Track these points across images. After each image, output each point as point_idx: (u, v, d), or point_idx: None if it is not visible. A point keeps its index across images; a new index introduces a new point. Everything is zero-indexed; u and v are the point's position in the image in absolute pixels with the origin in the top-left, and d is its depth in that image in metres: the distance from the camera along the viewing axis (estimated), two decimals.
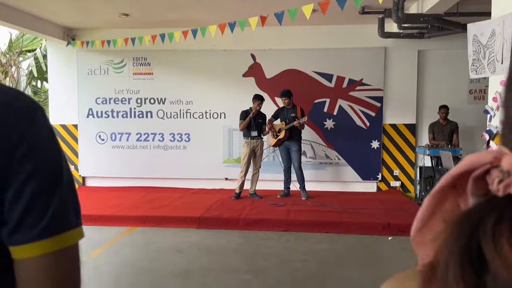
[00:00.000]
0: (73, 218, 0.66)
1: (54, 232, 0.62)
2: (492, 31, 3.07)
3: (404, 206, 6.05)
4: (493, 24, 3.08)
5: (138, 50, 7.25)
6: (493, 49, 3.05)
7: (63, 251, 0.63)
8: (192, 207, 5.94)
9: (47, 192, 0.64)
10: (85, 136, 7.62)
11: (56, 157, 0.69)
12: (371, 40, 6.86)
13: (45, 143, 0.69)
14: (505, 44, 2.91)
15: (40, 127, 0.68)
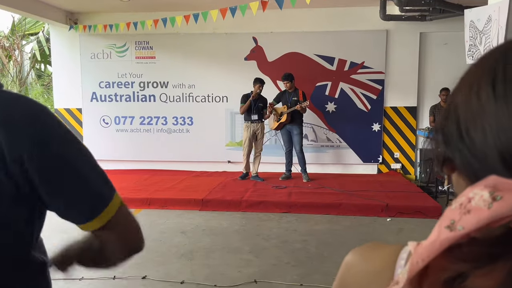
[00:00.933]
0: (107, 193, 0.82)
1: (96, 214, 0.79)
2: (489, 17, 3.10)
3: (403, 188, 6.16)
4: (489, 10, 3.11)
5: (140, 34, 7.28)
6: (489, 35, 3.09)
7: (111, 220, 0.80)
8: (195, 189, 6.07)
9: (77, 188, 0.79)
10: (89, 120, 7.73)
11: (72, 153, 0.80)
12: (373, 22, 6.85)
13: (57, 145, 0.78)
14: (500, 31, 2.95)
15: (47, 131, 0.78)
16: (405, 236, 4.45)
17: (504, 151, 0.39)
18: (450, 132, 0.44)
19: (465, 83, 0.45)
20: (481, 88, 0.42)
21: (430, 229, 0.40)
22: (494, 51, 0.45)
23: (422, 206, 5.18)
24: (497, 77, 0.41)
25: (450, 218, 0.38)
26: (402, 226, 4.78)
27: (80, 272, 1.12)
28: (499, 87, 0.41)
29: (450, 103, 0.46)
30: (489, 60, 0.44)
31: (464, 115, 0.43)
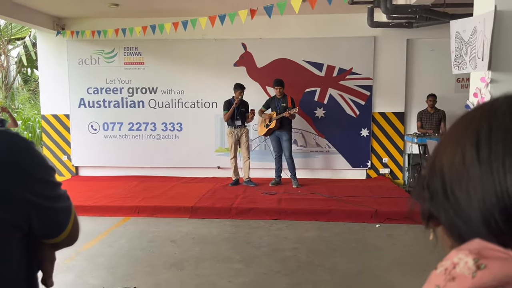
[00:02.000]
0: (68, 214, 1.00)
1: (64, 229, 0.99)
2: (474, 28, 3.16)
3: (392, 193, 6.21)
4: (474, 22, 3.17)
5: (129, 40, 7.25)
6: (475, 46, 3.14)
7: (70, 229, 1.01)
8: (185, 196, 6.05)
9: (55, 217, 0.97)
10: (77, 126, 7.65)
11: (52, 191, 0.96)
12: (361, 29, 6.92)
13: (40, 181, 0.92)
14: (485, 42, 3.00)
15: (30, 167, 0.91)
16: (394, 242, 4.49)
17: (488, 215, 0.40)
18: (435, 190, 0.45)
19: (450, 140, 0.46)
20: (465, 149, 0.43)
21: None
22: (479, 110, 0.45)
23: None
24: (481, 140, 0.42)
25: (435, 283, 0.38)
26: (391, 232, 4.82)
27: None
28: (483, 151, 0.41)
29: (435, 158, 0.47)
30: (474, 120, 0.44)
31: (449, 175, 0.44)
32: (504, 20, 2.95)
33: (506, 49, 3.00)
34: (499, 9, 2.96)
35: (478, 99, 3.16)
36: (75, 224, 1.03)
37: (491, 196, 0.40)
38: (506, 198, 0.39)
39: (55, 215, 0.97)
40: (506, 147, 0.41)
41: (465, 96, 6.49)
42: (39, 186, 0.91)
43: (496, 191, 0.40)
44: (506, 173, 0.39)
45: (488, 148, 0.41)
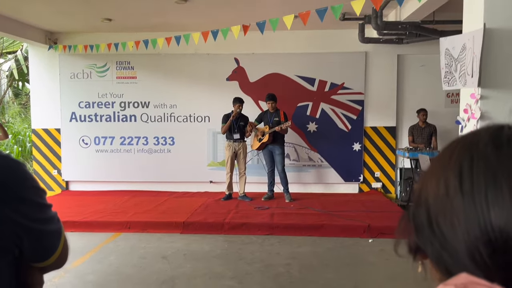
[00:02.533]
0: (58, 237, 0.98)
1: (54, 252, 0.98)
2: (463, 45, 3.21)
3: (384, 207, 6.21)
4: (464, 39, 3.22)
5: (122, 54, 7.25)
6: (464, 63, 3.19)
7: (59, 252, 1.00)
8: (177, 211, 5.99)
9: (46, 240, 0.96)
10: (68, 140, 7.59)
11: (42, 217, 0.94)
12: (352, 44, 7.00)
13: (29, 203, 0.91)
14: (475, 59, 3.05)
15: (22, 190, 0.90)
16: (387, 258, 4.47)
17: (472, 248, 0.39)
18: (421, 222, 0.44)
19: (435, 171, 0.46)
20: (449, 180, 0.43)
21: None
22: (462, 141, 0.45)
23: None
24: (464, 171, 0.42)
25: None
26: (384, 247, 4.81)
27: None
28: (466, 182, 0.41)
29: (421, 189, 0.46)
30: (457, 150, 0.44)
31: (434, 206, 0.43)
32: (493, 37, 3.00)
33: (496, 66, 3.04)
34: (488, 26, 3.01)
35: (468, 115, 3.19)
36: (65, 246, 1.02)
37: (475, 228, 0.40)
38: (490, 231, 0.39)
39: (45, 238, 0.95)
40: (488, 179, 0.40)
41: (455, 111, 6.58)
42: (29, 208, 0.89)
43: (480, 223, 0.39)
44: (489, 206, 0.39)
45: (471, 179, 0.41)
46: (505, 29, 3.02)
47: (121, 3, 5.69)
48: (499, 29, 3.02)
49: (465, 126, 3.27)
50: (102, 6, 5.81)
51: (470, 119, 3.15)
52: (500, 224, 0.39)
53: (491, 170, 0.41)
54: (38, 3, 5.67)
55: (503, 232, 0.38)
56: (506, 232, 0.38)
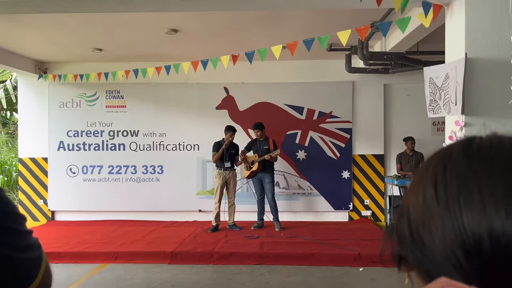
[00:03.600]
0: (39, 264, 0.93)
1: (33, 281, 0.91)
2: (446, 74, 3.30)
3: (375, 236, 6.18)
4: (447, 68, 3.31)
5: (111, 83, 7.29)
6: (448, 91, 3.27)
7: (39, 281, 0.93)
8: (165, 241, 5.89)
9: (24, 268, 0.90)
10: (55, 169, 7.50)
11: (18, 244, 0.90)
12: (339, 74, 7.15)
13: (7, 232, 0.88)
14: (458, 87, 3.13)
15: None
16: (378, 287, 4.42)
17: (449, 252, 0.41)
18: (403, 232, 0.46)
19: (414, 184, 0.48)
20: (426, 189, 0.45)
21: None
22: (438, 153, 0.48)
23: None
24: (438, 179, 0.44)
25: None
26: (374, 276, 4.75)
27: None
28: (440, 189, 0.43)
29: (404, 202, 0.49)
30: (433, 162, 0.47)
31: (414, 216, 0.45)
32: (475, 66, 3.09)
33: (478, 94, 3.13)
34: (469, 56, 3.11)
35: None
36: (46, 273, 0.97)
37: (450, 233, 0.42)
38: (463, 234, 0.41)
39: (24, 266, 0.91)
40: (460, 185, 0.43)
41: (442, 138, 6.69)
42: (8, 236, 0.86)
43: (454, 228, 0.41)
44: (461, 210, 0.41)
45: (444, 187, 0.43)
46: (485, 58, 3.12)
47: (111, 34, 5.77)
48: (480, 58, 3.12)
49: None
50: (93, 36, 5.88)
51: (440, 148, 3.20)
52: (473, 227, 0.40)
53: (463, 177, 0.43)
54: (29, 34, 5.72)
55: (475, 235, 0.40)
56: (478, 234, 0.40)
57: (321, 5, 3.62)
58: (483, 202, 0.41)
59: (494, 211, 0.40)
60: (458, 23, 3.24)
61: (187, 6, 3.42)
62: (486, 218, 0.40)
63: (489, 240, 0.39)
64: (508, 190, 0.41)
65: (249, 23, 5.31)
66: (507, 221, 0.39)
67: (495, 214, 0.40)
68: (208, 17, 4.96)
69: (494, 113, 3.08)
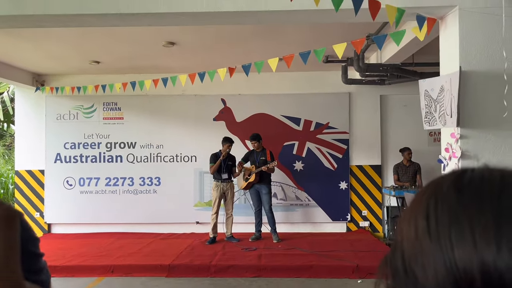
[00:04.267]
0: (48, 285, 0.95)
1: None
2: (441, 87, 3.33)
3: (373, 247, 6.17)
4: (442, 81, 3.35)
5: (109, 95, 7.31)
6: (443, 103, 3.30)
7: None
8: (162, 254, 5.85)
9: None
10: (52, 182, 7.47)
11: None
12: (336, 85, 7.19)
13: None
14: (453, 100, 3.16)
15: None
16: None
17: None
18: (397, 266, 0.46)
19: (407, 216, 0.48)
20: (418, 223, 0.45)
21: None
22: (430, 186, 0.48)
23: None
24: (430, 213, 0.44)
25: None
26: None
27: None
28: (432, 224, 0.44)
29: (398, 234, 0.49)
30: (425, 195, 0.47)
31: (407, 250, 0.45)
32: (469, 79, 3.13)
33: (473, 107, 3.16)
34: (463, 69, 3.15)
35: (449, 154, 3.26)
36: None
37: (442, 269, 0.41)
38: (455, 271, 0.40)
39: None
40: (452, 221, 0.43)
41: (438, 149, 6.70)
42: (29, 260, 0.88)
43: (446, 263, 0.41)
44: (453, 247, 0.41)
45: (436, 221, 0.44)
46: (479, 71, 3.16)
47: (109, 47, 5.81)
48: (474, 71, 3.16)
49: (447, 164, 3.33)
50: (91, 49, 5.91)
51: (451, 158, 3.22)
52: (464, 263, 0.40)
53: (454, 212, 0.43)
54: (27, 47, 5.75)
55: (467, 272, 0.40)
56: (469, 271, 0.40)
57: (317, 19, 3.66)
58: (473, 237, 0.41)
59: (485, 247, 0.40)
60: (452, 37, 3.28)
61: (184, 20, 3.46)
62: (477, 254, 0.40)
63: (480, 276, 0.39)
64: (498, 226, 0.41)
65: (246, 36, 5.36)
66: (498, 255, 0.39)
67: (486, 249, 0.40)
68: (205, 31, 5.00)
69: (489, 125, 3.11)
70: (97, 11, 3.25)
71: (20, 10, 3.27)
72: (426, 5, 3.20)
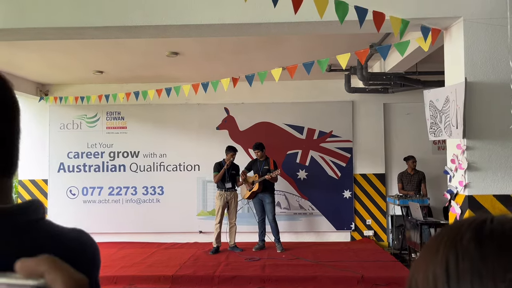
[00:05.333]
0: None
1: None
2: (446, 97, 3.31)
3: (377, 257, 6.11)
4: (447, 92, 3.33)
5: (112, 105, 7.30)
6: (448, 114, 3.28)
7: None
8: (166, 264, 5.82)
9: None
10: (55, 191, 7.47)
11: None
12: (339, 94, 7.18)
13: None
14: (458, 111, 3.14)
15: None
16: None
17: None
18: None
19: (423, 264, 0.46)
20: (437, 277, 0.43)
21: None
22: (447, 234, 0.46)
23: (396, 277, 5.12)
24: (450, 268, 0.43)
25: None
26: None
27: None
28: (452, 280, 0.42)
29: (412, 278, 0.47)
30: (442, 245, 0.45)
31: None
32: (475, 91, 3.11)
33: (479, 118, 3.13)
34: (469, 80, 3.13)
35: (455, 165, 3.23)
36: None
37: None
38: None
39: None
40: (474, 278, 0.41)
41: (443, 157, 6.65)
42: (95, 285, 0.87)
43: None
44: None
45: (457, 277, 0.42)
46: (485, 82, 3.14)
47: (113, 57, 5.82)
48: (480, 82, 3.14)
49: (453, 176, 3.30)
50: (94, 60, 5.93)
51: (457, 169, 3.19)
52: None
53: (476, 269, 0.42)
54: (32, 58, 5.77)
55: None
56: None
57: (321, 30, 3.66)
58: None
59: None
60: (457, 47, 3.27)
61: (187, 32, 3.47)
62: None
63: None
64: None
65: (249, 46, 5.37)
66: None
67: None
68: (208, 41, 5.00)
69: (495, 137, 3.08)
70: (101, 24, 3.26)
71: (23, 23, 3.28)
72: (430, 16, 3.19)
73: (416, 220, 5.62)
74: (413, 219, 5.78)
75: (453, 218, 3.30)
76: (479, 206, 3.12)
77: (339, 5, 2.78)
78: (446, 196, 3.37)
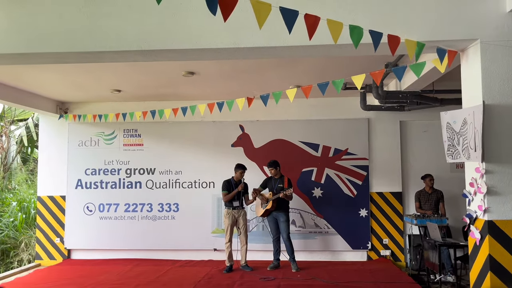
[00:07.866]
0: None
1: None
2: (464, 119, 3.27)
3: (394, 278, 5.99)
4: (464, 113, 3.28)
5: (129, 122, 7.44)
6: (466, 137, 3.23)
7: None
8: (180, 283, 5.81)
9: None
10: (73, 208, 7.57)
11: None
12: (355, 111, 7.15)
13: None
14: (476, 134, 3.09)
15: None
16: None
17: None
18: None
19: None
20: None
21: None
22: None
23: None
24: None
25: None
26: None
27: None
28: None
29: None
30: None
31: None
32: (493, 114, 3.06)
33: (498, 141, 3.08)
34: (487, 102, 3.08)
35: (474, 189, 3.17)
36: None
37: None
38: None
39: None
40: None
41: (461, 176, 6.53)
42: None
43: None
44: None
45: None
46: (503, 104, 3.09)
47: (130, 77, 5.94)
48: (498, 105, 3.09)
49: (472, 200, 3.23)
50: (112, 79, 6.06)
51: (476, 193, 3.13)
52: None
53: None
54: (52, 78, 5.93)
55: None
56: None
57: (336, 53, 3.67)
58: None
59: None
60: (474, 69, 3.23)
61: (205, 56, 3.52)
62: None
63: None
64: None
65: (264, 66, 5.41)
66: None
67: None
68: (223, 61, 5.06)
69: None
70: (119, 48, 3.33)
71: (45, 48, 3.39)
72: (446, 39, 3.18)
73: (435, 241, 5.50)
74: (432, 239, 5.65)
75: (473, 243, 3.22)
76: (499, 231, 3.04)
77: (354, 30, 2.80)
78: (465, 220, 3.29)
